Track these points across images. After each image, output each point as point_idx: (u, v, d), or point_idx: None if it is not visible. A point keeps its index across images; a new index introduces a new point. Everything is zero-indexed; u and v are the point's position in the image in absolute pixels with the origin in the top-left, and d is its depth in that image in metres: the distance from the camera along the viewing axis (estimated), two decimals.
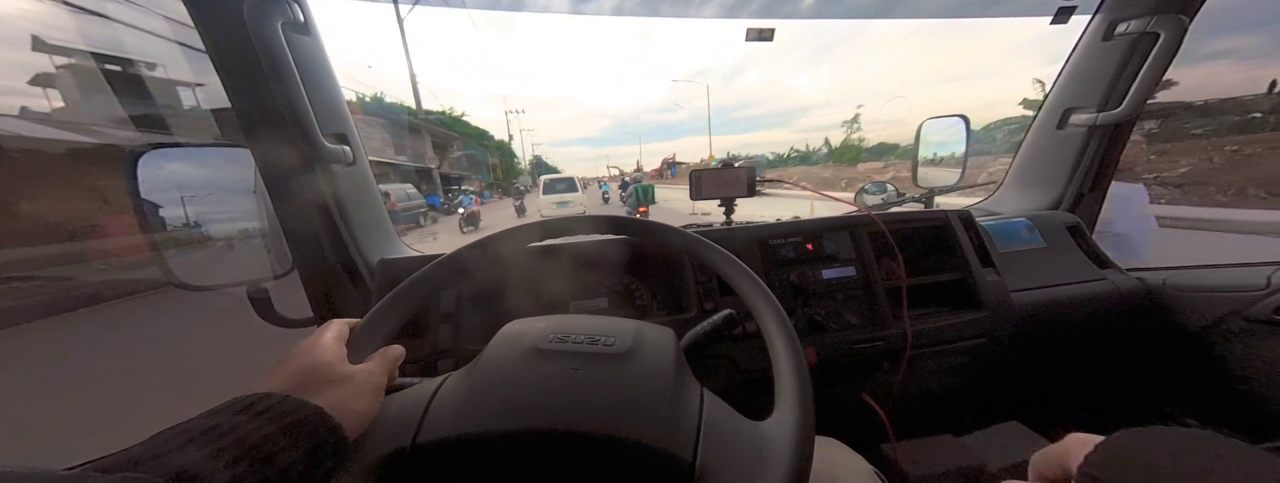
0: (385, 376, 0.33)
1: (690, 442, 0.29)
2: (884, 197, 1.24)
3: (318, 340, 0.32)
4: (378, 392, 0.31)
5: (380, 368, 0.33)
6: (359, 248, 0.74)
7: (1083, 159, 0.96)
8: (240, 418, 0.23)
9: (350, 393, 0.29)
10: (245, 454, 0.21)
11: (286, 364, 0.30)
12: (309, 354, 0.30)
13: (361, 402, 0.29)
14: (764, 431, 0.31)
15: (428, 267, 0.41)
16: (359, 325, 0.36)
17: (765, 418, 0.32)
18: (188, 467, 0.19)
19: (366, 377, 0.31)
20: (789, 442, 0.29)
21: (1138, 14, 0.81)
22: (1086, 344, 0.89)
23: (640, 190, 6.91)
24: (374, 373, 0.32)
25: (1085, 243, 0.91)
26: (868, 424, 0.69)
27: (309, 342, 0.32)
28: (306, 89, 0.60)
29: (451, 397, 0.32)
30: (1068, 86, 0.96)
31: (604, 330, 0.36)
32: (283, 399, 0.25)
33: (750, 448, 0.29)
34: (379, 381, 0.32)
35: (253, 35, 0.53)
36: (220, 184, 0.78)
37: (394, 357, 0.35)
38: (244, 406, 0.24)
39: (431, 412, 0.31)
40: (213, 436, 0.21)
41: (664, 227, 0.46)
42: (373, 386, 0.31)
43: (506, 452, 0.29)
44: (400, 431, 0.29)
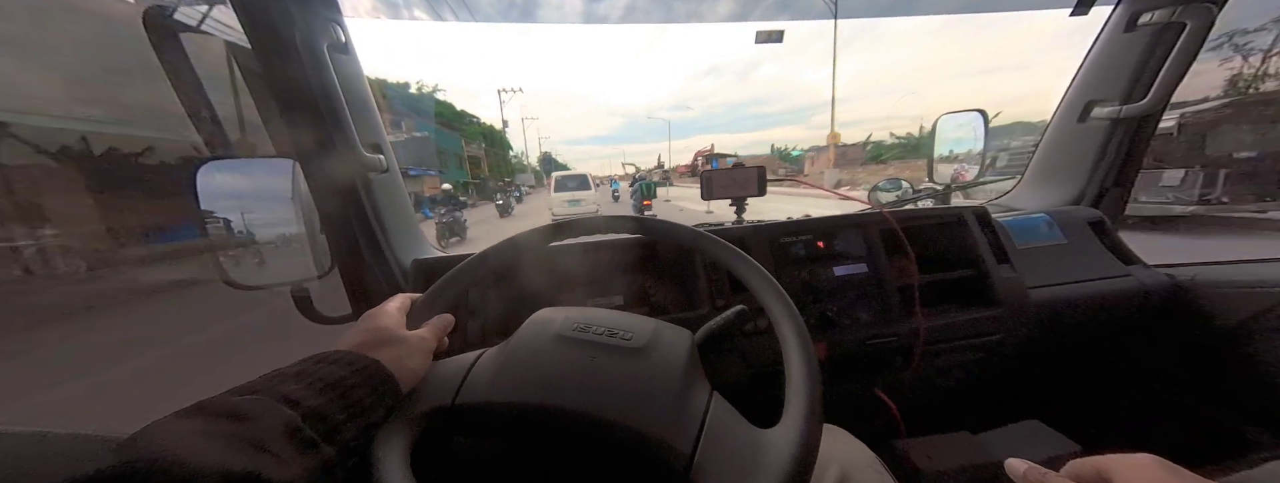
0: (435, 340, 0.38)
1: (691, 437, 0.31)
2: (898, 194, 1.23)
3: (384, 308, 0.38)
4: (428, 354, 0.37)
5: (431, 333, 0.38)
6: (392, 249, 0.79)
7: (1106, 153, 0.94)
8: (321, 365, 0.30)
9: (405, 352, 0.34)
10: (327, 388, 0.28)
11: (359, 326, 0.36)
12: (375, 319, 0.37)
13: (414, 360, 0.34)
14: (767, 439, 0.31)
15: (472, 257, 0.46)
16: (419, 299, 0.42)
17: (772, 425, 0.32)
18: (289, 394, 0.26)
19: (419, 341, 0.36)
20: (790, 453, 0.29)
21: (1162, 4, 0.79)
22: (1111, 342, 0.87)
23: (645, 187, 8.21)
24: (426, 338, 0.37)
25: (1109, 239, 0.89)
26: (881, 420, 0.70)
27: (377, 309, 0.38)
28: (348, 103, 0.65)
29: (487, 368, 0.36)
30: (1089, 79, 0.94)
31: (624, 326, 0.39)
32: (350, 353, 0.31)
33: (749, 453, 0.30)
34: (430, 344, 0.37)
35: (303, 57, 0.59)
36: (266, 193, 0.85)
37: (444, 324, 0.41)
38: (322, 357, 0.31)
39: (469, 378, 0.35)
40: (304, 376, 0.28)
41: (678, 226, 0.49)
42: (424, 348, 0.36)
43: (527, 422, 0.33)
44: (444, 390, 0.34)
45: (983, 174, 1.12)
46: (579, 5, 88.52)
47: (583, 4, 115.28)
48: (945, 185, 1.11)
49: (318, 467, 0.24)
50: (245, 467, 0.21)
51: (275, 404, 0.25)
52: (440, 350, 0.40)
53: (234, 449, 0.21)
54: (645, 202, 7.82)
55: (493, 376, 0.35)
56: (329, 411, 0.27)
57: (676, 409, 0.32)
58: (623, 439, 0.31)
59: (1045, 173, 1.07)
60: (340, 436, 0.27)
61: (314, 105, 0.63)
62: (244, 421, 0.23)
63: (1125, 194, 0.98)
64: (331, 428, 0.26)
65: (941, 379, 0.79)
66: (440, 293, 0.43)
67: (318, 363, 0.30)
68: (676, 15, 9.98)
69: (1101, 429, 0.92)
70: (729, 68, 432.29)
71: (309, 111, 0.63)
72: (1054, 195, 1.04)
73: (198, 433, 0.22)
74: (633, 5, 75.55)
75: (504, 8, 21.96)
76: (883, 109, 58.74)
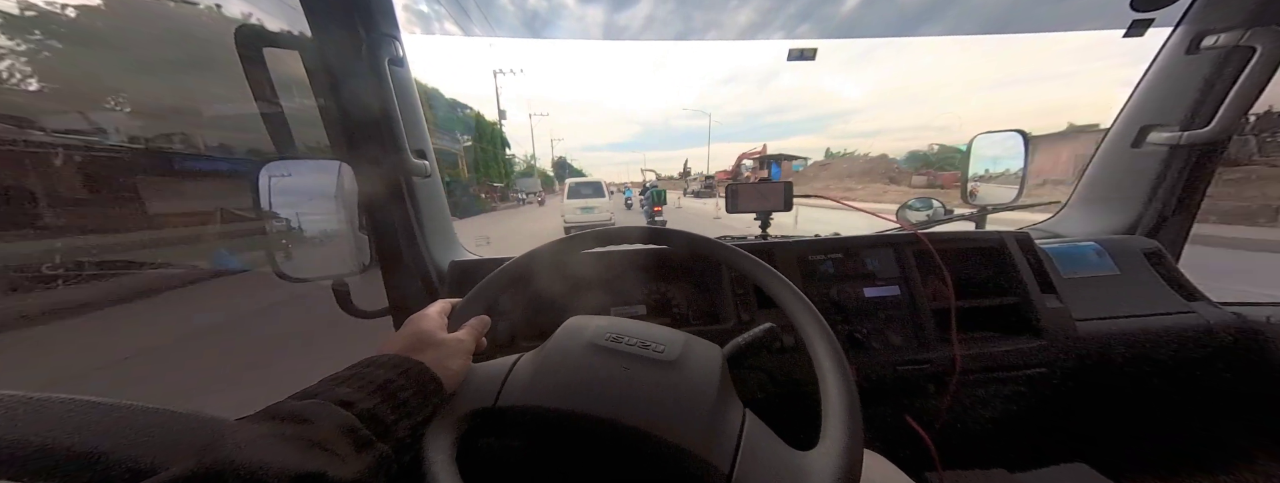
0: (474, 341, 0.40)
1: (728, 456, 0.30)
2: (930, 213, 1.19)
3: (426, 312, 0.41)
4: (467, 354, 0.38)
5: (470, 335, 0.40)
6: (429, 250, 0.83)
7: (1164, 180, 0.89)
8: (370, 369, 0.32)
9: (446, 353, 0.36)
10: (378, 389, 0.30)
11: (403, 330, 0.38)
12: (418, 323, 0.39)
13: (455, 361, 0.36)
14: (806, 462, 0.30)
15: (510, 263, 0.47)
16: (459, 303, 0.44)
17: (810, 447, 0.32)
18: (344, 397, 0.28)
19: (458, 343, 0.38)
20: (834, 479, 0.28)
21: (1228, 27, 0.75)
22: (1168, 383, 0.80)
23: (655, 194, 8.84)
24: (464, 340, 0.39)
25: (1168, 271, 0.83)
26: (911, 449, 0.67)
27: (420, 314, 0.40)
28: (400, 112, 0.70)
29: (524, 372, 0.37)
30: (1145, 102, 0.90)
31: (655, 338, 0.39)
32: (396, 357, 0.33)
33: (790, 476, 0.29)
34: (469, 345, 0.39)
35: (367, 70, 0.64)
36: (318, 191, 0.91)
37: (482, 326, 0.43)
38: (371, 361, 0.33)
39: (509, 382, 0.36)
40: (356, 380, 0.30)
41: (710, 241, 0.49)
42: (464, 349, 0.38)
43: (563, 427, 0.34)
44: (485, 393, 0.36)
45: (1020, 197, 1.07)
46: (599, 18, 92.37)
47: (603, 17, 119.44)
48: (981, 208, 1.07)
49: (375, 463, 0.26)
50: (312, 467, 0.23)
51: (332, 407, 0.27)
52: (479, 350, 0.42)
53: (300, 451, 0.23)
54: (656, 208, 8.49)
55: (530, 380, 0.36)
56: (380, 411, 0.28)
57: (712, 426, 0.32)
58: (658, 451, 0.31)
59: (1094, 198, 1.02)
60: (392, 434, 0.28)
61: (372, 113, 0.67)
62: (306, 423, 0.25)
63: (1187, 224, 0.91)
64: (384, 427, 0.28)
65: (978, 411, 0.75)
66: (478, 297, 0.45)
67: (367, 367, 0.32)
68: (695, 28, 10.07)
69: (1155, 480, 0.84)
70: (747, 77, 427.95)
71: (368, 118, 0.68)
72: (1104, 223, 0.98)
73: (267, 437, 0.24)
74: (651, 17, 77.61)
75: (527, 20, 22.95)
76: (905, 119, 55.84)
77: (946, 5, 51.30)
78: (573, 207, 9.35)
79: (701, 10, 39.82)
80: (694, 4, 40.53)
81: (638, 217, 11.43)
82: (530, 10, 66.91)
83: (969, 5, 27.27)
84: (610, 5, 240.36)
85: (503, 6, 43.28)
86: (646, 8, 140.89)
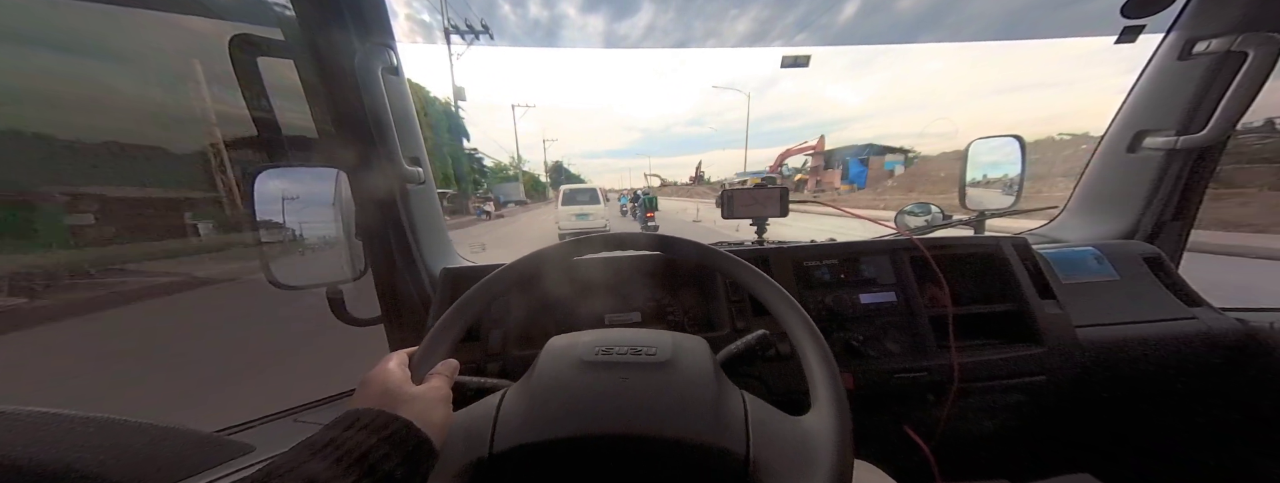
0: (448, 387, 0.36)
1: (741, 438, 0.31)
2: (928, 219, 1.19)
3: (383, 369, 0.35)
4: (447, 402, 0.34)
5: (442, 382, 0.36)
6: (423, 257, 0.83)
7: (1161, 185, 0.88)
8: (350, 433, 0.28)
9: (424, 407, 0.32)
10: (356, 463, 0.26)
11: (367, 389, 0.33)
12: (379, 382, 0.34)
13: (437, 414, 0.32)
14: (806, 426, 0.32)
15: (473, 289, 0.43)
16: (416, 352, 0.39)
17: (804, 414, 0.33)
18: (315, 476, 0.24)
19: (433, 392, 0.34)
20: (831, 436, 0.30)
21: (1220, 32, 0.76)
22: (1171, 391, 0.79)
23: (648, 200, 9.09)
24: (438, 387, 0.35)
25: (1169, 277, 0.82)
26: (911, 460, 0.65)
27: (376, 371, 0.35)
28: (394, 120, 0.70)
29: (515, 408, 0.35)
30: (1139, 107, 0.90)
31: (644, 342, 0.39)
32: (379, 414, 0.29)
33: (797, 441, 0.31)
34: (444, 392, 0.35)
35: (360, 79, 0.64)
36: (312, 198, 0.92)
37: (452, 370, 0.39)
38: (351, 422, 0.29)
39: (500, 423, 0.34)
40: (330, 449, 0.26)
41: (703, 246, 0.49)
42: (441, 398, 0.34)
43: (573, 456, 0.32)
44: (477, 442, 0.33)
45: (1018, 203, 1.06)
46: (600, 27, 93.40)
47: (604, 26, 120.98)
48: (979, 213, 1.06)
49: None
50: None
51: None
52: (455, 398, 0.37)
53: None
54: (649, 214, 8.77)
55: (526, 414, 0.34)
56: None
57: (719, 414, 0.33)
58: (675, 453, 0.31)
59: (1091, 203, 1.01)
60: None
61: (365, 121, 0.68)
62: None
63: (1186, 229, 0.91)
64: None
65: (978, 420, 0.74)
66: (438, 340, 0.40)
67: (346, 429, 0.28)
68: (695, 36, 10.16)
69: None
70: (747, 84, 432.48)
71: (361, 127, 0.69)
72: (1102, 228, 0.97)
73: None
74: (652, 26, 78.63)
75: (529, 29, 22.84)
76: (906, 126, 56.29)
77: (942, 13, 52.19)
78: (568, 213, 9.36)
79: (701, 19, 39.29)
80: (694, 13, 40.79)
81: (633, 223, 11.52)
82: (532, 20, 67.54)
83: (965, 13, 27.27)
84: (611, 14, 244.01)
85: (505, 17, 43.64)
86: (647, 17, 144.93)
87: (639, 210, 9.36)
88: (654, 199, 9.59)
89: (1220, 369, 0.75)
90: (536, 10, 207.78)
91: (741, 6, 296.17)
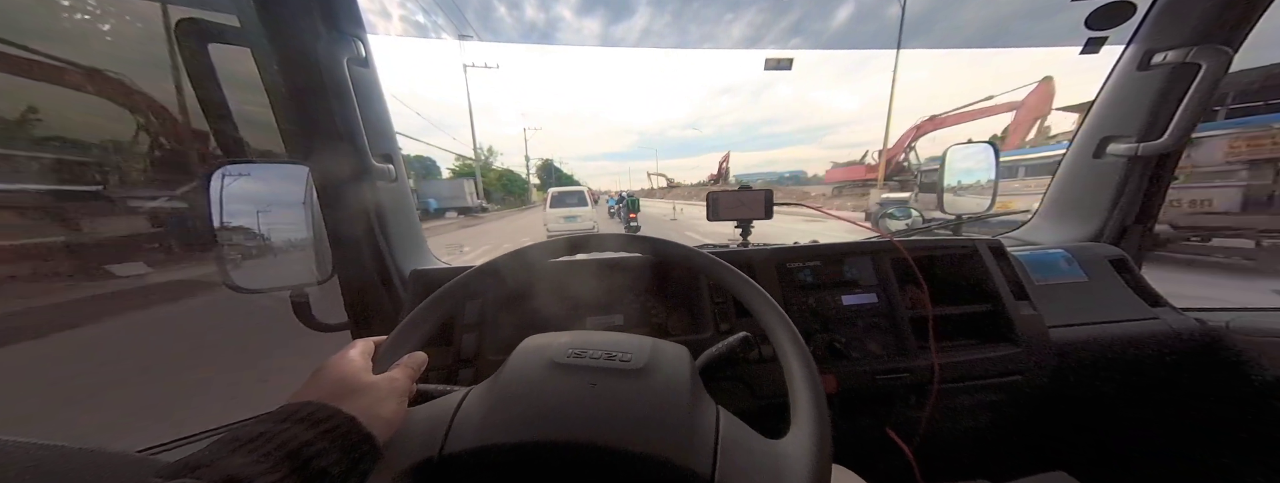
0: (409, 381, 0.35)
1: (708, 458, 0.29)
2: (908, 222, 1.21)
3: (343, 356, 0.34)
4: (402, 397, 0.33)
5: (403, 375, 0.34)
6: (394, 258, 0.79)
7: (1124, 190, 0.92)
8: (284, 426, 0.26)
9: (375, 400, 0.30)
10: (286, 459, 0.24)
11: (316, 379, 0.32)
12: (335, 369, 0.32)
13: (387, 408, 0.31)
14: (781, 449, 0.31)
15: (450, 283, 0.42)
16: (384, 341, 0.38)
17: (781, 437, 0.32)
18: (236, 472, 0.22)
19: (390, 384, 0.32)
20: (807, 462, 0.29)
21: (1175, 45, 0.80)
22: (1139, 389, 0.81)
23: (630, 202, 9.63)
24: (397, 380, 0.33)
25: (1133, 278, 0.86)
26: (893, 462, 0.65)
27: (335, 358, 0.34)
28: (362, 114, 0.67)
29: (476, 408, 0.33)
30: (1103, 115, 0.94)
31: (620, 347, 0.37)
32: (320, 408, 0.28)
33: (768, 467, 0.29)
34: (403, 386, 0.33)
35: (323, 68, 0.61)
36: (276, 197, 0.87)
37: (417, 364, 0.37)
38: (287, 414, 0.27)
39: (457, 423, 0.32)
40: (258, 442, 0.24)
41: (684, 248, 0.48)
42: (397, 391, 0.32)
43: (528, 462, 0.30)
44: (428, 441, 0.31)
45: (993, 207, 1.10)
46: (597, 28, 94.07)
47: (600, 28, 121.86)
48: (957, 216, 1.09)
49: None
50: None
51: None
52: (413, 396, 0.36)
53: None
54: (631, 214, 9.19)
55: (485, 415, 0.32)
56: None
57: (688, 430, 0.31)
58: (638, 467, 0.29)
59: (1061, 207, 1.05)
60: None
61: (330, 115, 0.64)
62: None
63: (1148, 232, 0.95)
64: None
65: (958, 421, 0.74)
66: (409, 330, 0.39)
67: (279, 422, 0.26)
68: (690, 40, 10.32)
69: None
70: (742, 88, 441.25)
71: (324, 120, 0.65)
72: (1071, 231, 1.01)
73: None
74: (648, 29, 79.92)
75: (525, 31, 22.41)
76: (895, 130, 57.82)
77: (932, 20, 54.37)
78: (556, 216, 9.57)
79: (697, 23, 39.67)
80: (690, 17, 41.18)
81: (619, 224, 11.74)
82: (528, 22, 67.24)
83: (954, 21, 28.47)
84: (607, 17, 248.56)
85: (501, 18, 42.83)
86: (643, 20, 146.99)
87: (623, 212, 9.91)
88: (636, 201, 10.18)
89: (1181, 367, 0.78)
90: (532, 12, 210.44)
91: (736, 11, 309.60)
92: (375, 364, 0.35)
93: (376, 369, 0.34)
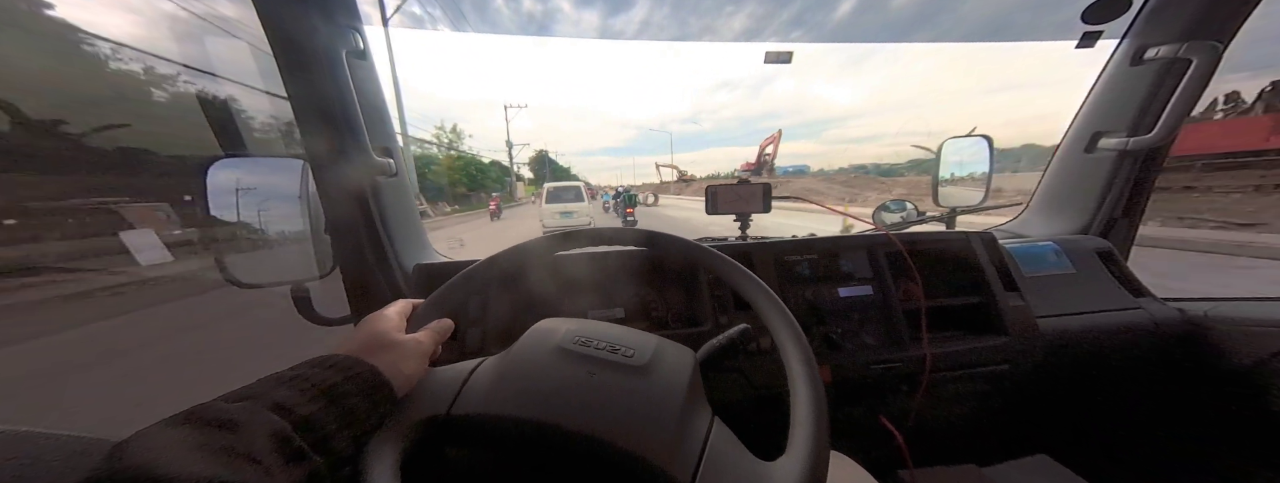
0: (433, 344, 0.38)
1: (691, 466, 0.29)
2: (903, 215, 1.23)
3: (383, 313, 0.39)
4: (423, 357, 0.36)
5: (429, 338, 0.38)
6: (396, 253, 0.79)
7: (1114, 184, 0.94)
8: (317, 370, 0.30)
9: (401, 356, 0.34)
10: (321, 395, 0.28)
11: (359, 331, 0.37)
12: (374, 324, 0.37)
13: (410, 364, 0.34)
14: (769, 472, 0.30)
15: (479, 263, 0.45)
16: (422, 304, 0.42)
17: (774, 457, 0.31)
18: (282, 400, 0.26)
19: (416, 345, 0.36)
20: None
21: (1167, 40, 0.81)
22: (1121, 376, 0.84)
23: (628, 198, 9.95)
24: (423, 342, 0.37)
25: (1118, 270, 0.88)
26: (885, 449, 0.68)
27: (376, 314, 0.38)
28: (361, 108, 0.66)
29: (485, 377, 0.35)
30: (1095, 110, 0.95)
31: (625, 341, 0.38)
32: (350, 359, 0.32)
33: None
34: (427, 348, 0.37)
35: (321, 62, 0.60)
36: (275, 191, 0.86)
37: (443, 329, 0.41)
38: (320, 360, 0.31)
39: (466, 389, 0.34)
40: (298, 381, 0.28)
41: (685, 241, 0.48)
42: (420, 352, 0.36)
43: (520, 437, 0.32)
44: (439, 400, 0.33)
45: (986, 200, 1.11)
46: (595, 21, 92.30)
47: (599, 20, 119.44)
48: (950, 209, 1.11)
49: (305, 479, 0.24)
50: (230, 478, 0.20)
51: (266, 413, 0.25)
52: (436, 356, 0.39)
53: (221, 461, 0.21)
54: (628, 209, 9.26)
55: (491, 386, 0.34)
56: (321, 419, 0.27)
57: (677, 435, 0.31)
58: (619, 462, 0.30)
59: (1052, 201, 1.07)
60: (331, 444, 0.26)
61: (329, 109, 0.64)
62: (234, 430, 0.23)
63: (1134, 225, 0.97)
64: (323, 437, 0.26)
65: (948, 409, 0.77)
66: (441, 299, 0.42)
67: (314, 367, 0.30)
68: (690, 32, 10.17)
69: (1112, 468, 0.89)
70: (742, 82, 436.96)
71: (324, 115, 0.65)
72: (1061, 224, 1.03)
73: (186, 443, 0.21)
74: (647, 21, 78.40)
75: (523, 23, 21.58)
76: (896, 125, 57.30)
77: (934, 14, 53.47)
78: (551, 211, 9.51)
79: (696, 16, 38.66)
80: (689, 9, 40.23)
81: (616, 219, 11.88)
82: (526, 14, 65.69)
83: (957, 14, 28.41)
84: (606, 9, 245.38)
85: (498, 9, 41.47)
86: (642, 12, 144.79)
87: (620, 206, 10.20)
88: (634, 196, 10.49)
89: (1163, 355, 0.81)
90: (530, 4, 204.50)
91: (737, 3, 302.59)
92: (408, 324, 0.39)
93: (409, 329, 0.38)
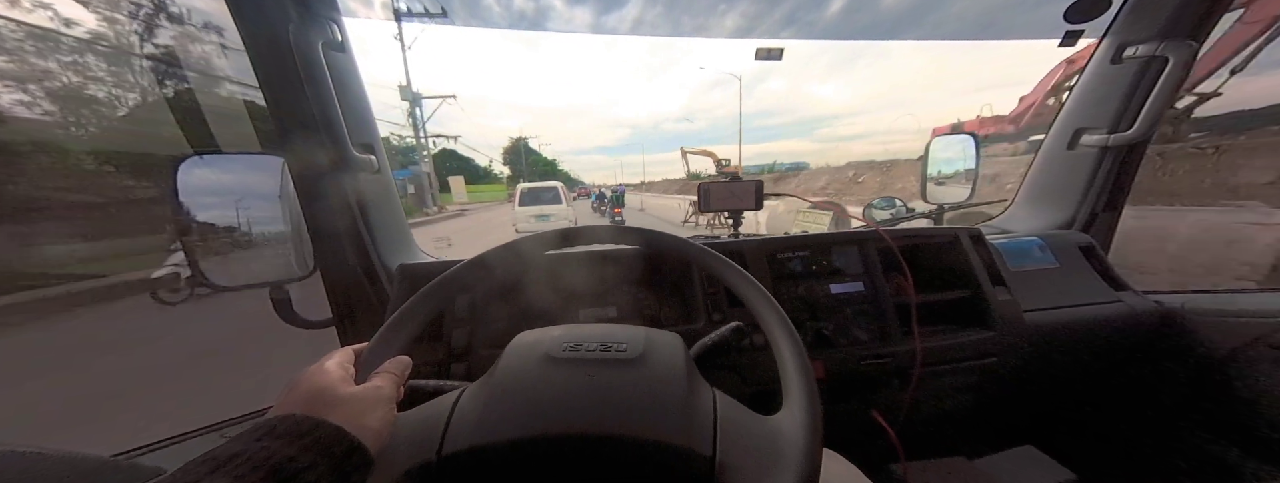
0: (394, 388, 0.33)
1: (708, 438, 0.30)
2: (893, 212, 1.24)
3: (319, 367, 0.32)
4: (388, 404, 0.31)
5: (387, 382, 0.32)
6: (379, 252, 0.77)
7: (1095, 179, 0.96)
8: (262, 443, 0.24)
9: (358, 410, 0.29)
10: (268, 476, 0.22)
11: (293, 392, 0.30)
12: (311, 380, 0.30)
13: (373, 417, 0.29)
14: (774, 425, 0.32)
15: (434, 281, 0.40)
16: (365, 348, 0.36)
17: (774, 413, 0.33)
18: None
19: (373, 392, 0.31)
20: (800, 434, 0.30)
21: (1145, 39, 0.82)
22: (1103, 368, 0.86)
23: (616, 197, 9.93)
24: (381, 387, 0.31)
25: (1100, 264, 0.90)
26: (878, 443, 0.68)
27: (311, 369, 0.32)
28: (339, 102, 0.64)
29: (471, 407, 0.33)
30: (1078, 107, 0.97)
31: (614, 337, 0.37)
32: (302, 420, 0.26)
33: (765, 442, 0.30)
34: (388, 393, 0.32)
35: (296, 54, 0.58)
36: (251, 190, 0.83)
37: (401, 368, 0.35)
38: (266, 431, 0.25)
39: (453, 423, 0.31)
40: (237, 462, 0.22)
41: (677, 239, 0.48)
42: (382, 399, 0.31)
43: (530, 458, 0.30)
44: (424, 444, 0.30)
45: (973, 196, 1.13)
46: (588, 18, 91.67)
47: (592, 17, 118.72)
48: (938, 206, 1.12)
49: None
50: None
51: None
52: (401, 398, 0.34)
53: None
54: (616, 209, 9.25)
55: (480, 414, 0.31)
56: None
57: (688, 413, 0.32)
58: (639, 454, 0.30)
59: (1036, 197, 1.09)
60: None
61: (305, 103, 0.61)
62: None
63: (1115, 220, 0.99)
64: None
65: (938, 402, 0.78)
66: (392, 333, 0.36)
67: (257, 440, 0.24)
68: (683, 29, 10.15)
69: (1095, 456, 0.91)
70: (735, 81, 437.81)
71: (299, 109, 0.62)
72: (1045, 219, 1.05)
73: None
74: (640, 19, 78.24)
75: (514, 19, 21.55)
76: (888, 122, 58.48)
77: (924, 12, 54.47)
78: (525, 215, 8.58)
79: (689, 14, 38.78)
80: (682, 8, 40.08)
81: (604, 219, 11.91)
82: (517, 11, 64.44)
83: (946, 12, 28.92)
84: (599, 6, 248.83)
85: (488, 6, 40.18)
86: (635, 10, 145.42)
87: (607, 206, 10.28)
88: (621, 196, 10.44)
89: (1142, 346, 0.83)
90: (522, 1, 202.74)
91: (729, 1, 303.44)
92: (357, 373, 0.33)
93: (358, 379, 0.32)
